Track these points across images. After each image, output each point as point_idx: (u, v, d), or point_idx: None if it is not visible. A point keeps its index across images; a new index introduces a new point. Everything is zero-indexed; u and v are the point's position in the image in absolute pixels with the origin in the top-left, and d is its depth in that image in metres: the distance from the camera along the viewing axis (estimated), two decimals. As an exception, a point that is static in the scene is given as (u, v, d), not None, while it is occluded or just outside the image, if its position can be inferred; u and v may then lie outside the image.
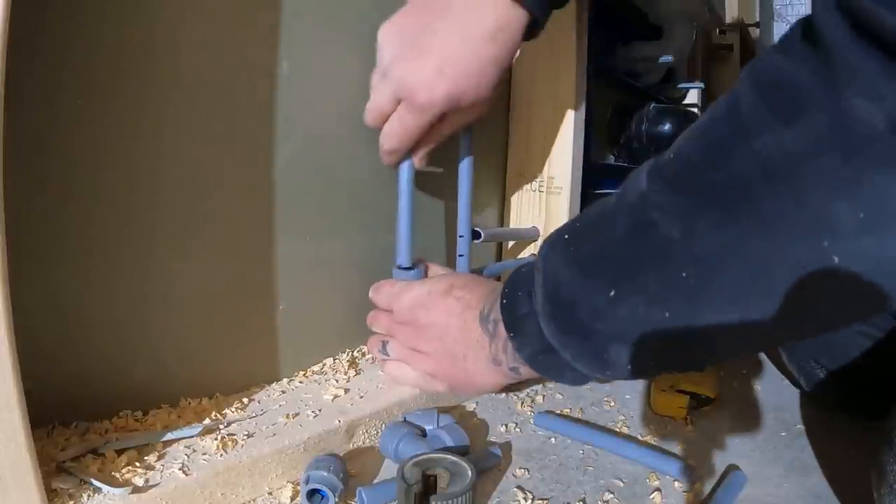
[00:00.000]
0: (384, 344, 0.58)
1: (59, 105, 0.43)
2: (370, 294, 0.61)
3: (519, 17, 0.48)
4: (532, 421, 0.61)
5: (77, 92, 0.44)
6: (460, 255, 0.70)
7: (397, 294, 0.55)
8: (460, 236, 0.69)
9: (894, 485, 0.39)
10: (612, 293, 0.35)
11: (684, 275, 0.32)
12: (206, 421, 0.50)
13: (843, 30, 0.26)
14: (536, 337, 0.42)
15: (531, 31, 0.51)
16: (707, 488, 0.49)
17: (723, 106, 0.32)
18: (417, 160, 0.59)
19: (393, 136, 0.55)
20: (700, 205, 0.31)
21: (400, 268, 0.62)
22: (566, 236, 0.40)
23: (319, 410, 0.53)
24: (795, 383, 0.70)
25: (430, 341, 0.50)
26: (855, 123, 0.26)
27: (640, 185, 0.35)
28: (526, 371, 0.46)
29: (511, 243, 0.88)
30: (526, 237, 0.85)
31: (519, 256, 0.86)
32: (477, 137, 0.75)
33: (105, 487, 0.39)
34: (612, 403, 0.66)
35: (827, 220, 0.27)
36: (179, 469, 0.43)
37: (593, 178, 1.01)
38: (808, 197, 0.27)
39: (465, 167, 0.68)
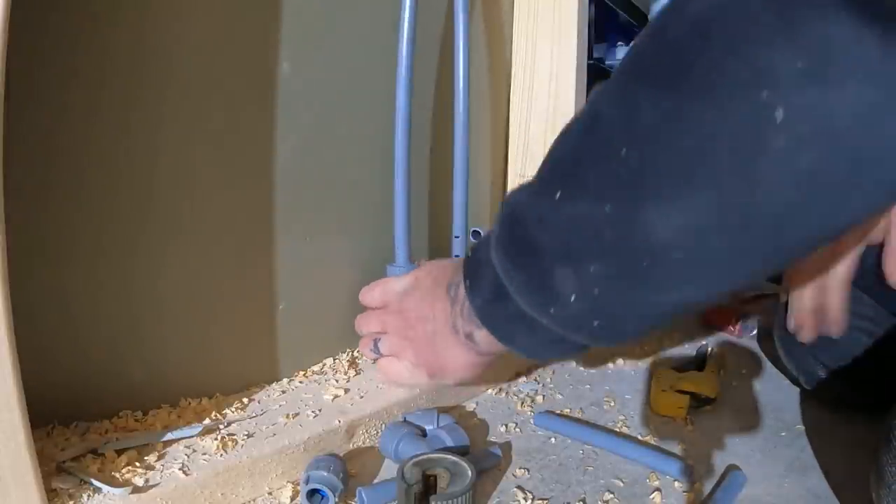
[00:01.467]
0: (375, 343, 0.57)
1: (53, 104, 0.44)
2: (360, 297, 0.58)
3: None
4: (532, 421, 0.61)
5: (71, 90, 0.44)
6: (456, 257, 0.70)
7: (387, 285, 0.54)
8: (455, 237, 0.69)
9: (893, 485, 0.39)
10: (558, 195, 0.34)
11: (623, 153, 0.29)
12: (206, 421, 0.50)
13: None
14: (489, 280, 0.40)
15: None
16: (707, 488, 0.49)
17: None
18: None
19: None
20: (638, 80, 0.30)
21: (395, 265, 0.63)
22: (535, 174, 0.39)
23: (319, 410, 0.53)
24: (795, 382, 0.70)
25: (413, 326, 0.49)
26: None
27: (595, 89, 0.34)
28: (483, 338, 0.43)
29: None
30: None
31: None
32: (477, 137, 0.75)
33: (105, 487, 0.39)
34: (612, 403, 0.66)
35: (765, 70, 0.24)
36: (179, 469, 0.43)
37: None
38: (741, 48, 0.25)
39: (460, 170, 0.68)
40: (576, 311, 0.35)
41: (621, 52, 1.19)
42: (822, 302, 0.57)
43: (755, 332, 0.95)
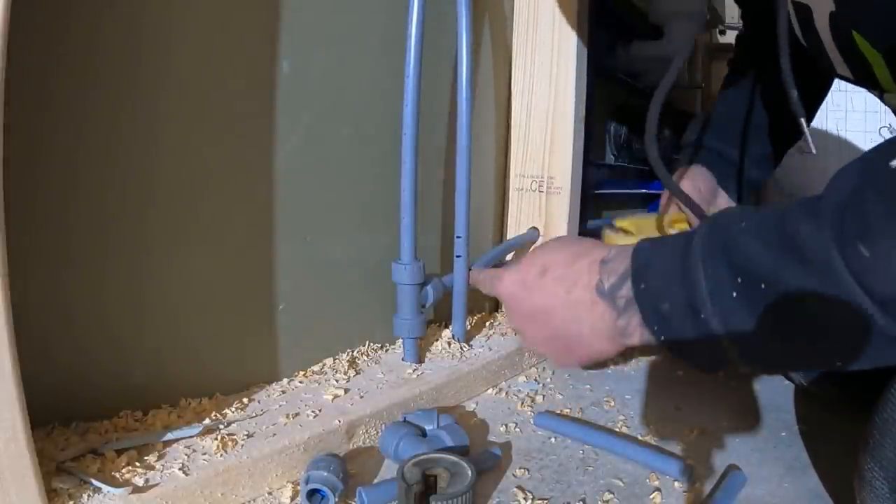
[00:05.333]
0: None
1: (55, 102, 0.44)
2: (477, 284, 0.56)
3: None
4: (532, 421, 0.61)
5: (72, 89, 0.44)
6: (458, 257, 0.70)
7: (491, 285, 0.52)
8: (458, 237, 0.69)
9: (874, 482, 0.40)
10: None
11: None
12: (206, 421, 0.50)
13: None
14: (679, 305, 0.40)
15: None
16: (707, 488, 0.49)
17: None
18: None
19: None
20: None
21: (400, 262, 0.63)
22: (734, 294, 0.38)
23: (319, 410, 0.53)
24: (790, 378, 0.70)
25: (536, 327, 0.48)
26: None
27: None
28: (645, 339, 0.43)
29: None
30: (521, 244, 0.84)
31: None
32: (477, 137, 0.75)
33: (105, 487, 0.39)
34: (612, 403, 0.66)
35: None
36: (179, 469, 0.43)
37: (593, 178, 1.01)
38: None
39: (462, 170, 0.68)
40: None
41: (621, 52, 1.19)
42: None
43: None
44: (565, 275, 0.46)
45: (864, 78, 0.46)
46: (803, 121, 0.47)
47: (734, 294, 0.37)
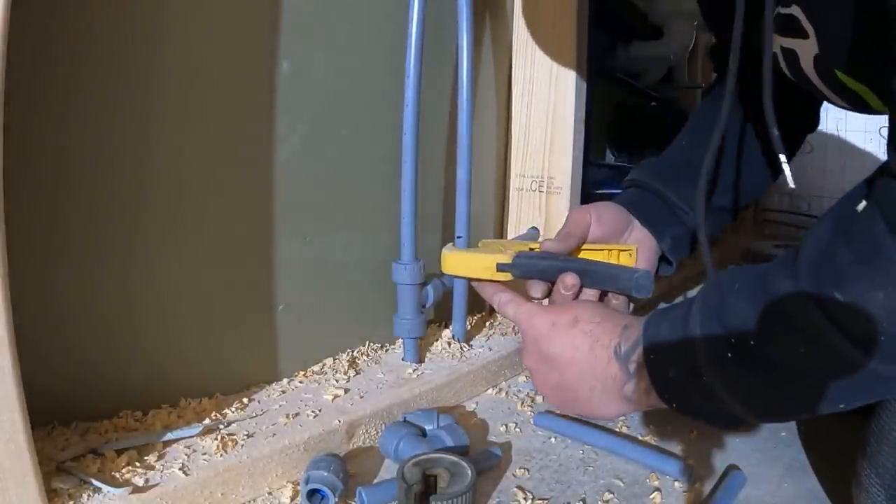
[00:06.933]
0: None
1: (52, 103, 0.44)
2: (497, 306, 0.54)
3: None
4: (532, 421, 0.61)
5: (65, 88, 0.44)
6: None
7: (520, 319, 0.52)
8: (458, 237, 0.69)
9: (870, 489, 0.40)
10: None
11: None
12: (206, 421, 0.50)
13: None
14: (685, 366, 0.41)
15: None
16: (707, 488, 0.49)
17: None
18: None
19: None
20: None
21: (400, 262, 0.63)
22: (729, 355, 0.39)
23: (319, 410, 0.53)
24: None
25: (550, 371, 0.49)
26: None
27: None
28: (651, 402, 0.45)
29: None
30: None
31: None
32: (478, 137, 0.75)
33: (105, 487, 0.39)
34: (612, 403, 0.66)
35: None
36: (179, 469, 0.43)
37: (593, 178, 1.01)
38: None
39: (462, 169, 0.68)
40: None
41: (621, 52, 1.19)
42: None
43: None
44: (593, 331, 0.47)
45: (860, 107, 0.47)
46: (783, 157, 0.48)
47: (729, 355, 0.38)
